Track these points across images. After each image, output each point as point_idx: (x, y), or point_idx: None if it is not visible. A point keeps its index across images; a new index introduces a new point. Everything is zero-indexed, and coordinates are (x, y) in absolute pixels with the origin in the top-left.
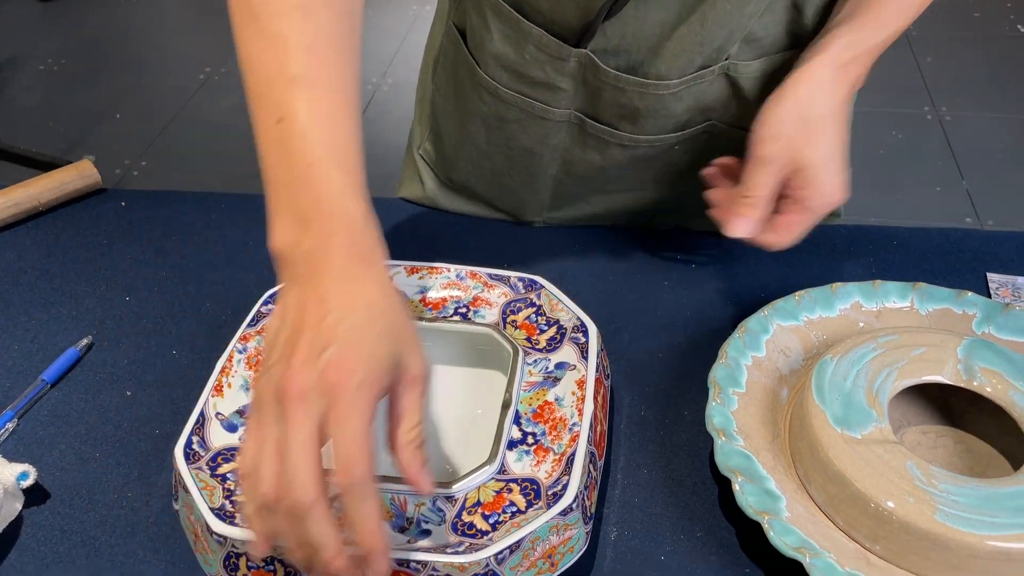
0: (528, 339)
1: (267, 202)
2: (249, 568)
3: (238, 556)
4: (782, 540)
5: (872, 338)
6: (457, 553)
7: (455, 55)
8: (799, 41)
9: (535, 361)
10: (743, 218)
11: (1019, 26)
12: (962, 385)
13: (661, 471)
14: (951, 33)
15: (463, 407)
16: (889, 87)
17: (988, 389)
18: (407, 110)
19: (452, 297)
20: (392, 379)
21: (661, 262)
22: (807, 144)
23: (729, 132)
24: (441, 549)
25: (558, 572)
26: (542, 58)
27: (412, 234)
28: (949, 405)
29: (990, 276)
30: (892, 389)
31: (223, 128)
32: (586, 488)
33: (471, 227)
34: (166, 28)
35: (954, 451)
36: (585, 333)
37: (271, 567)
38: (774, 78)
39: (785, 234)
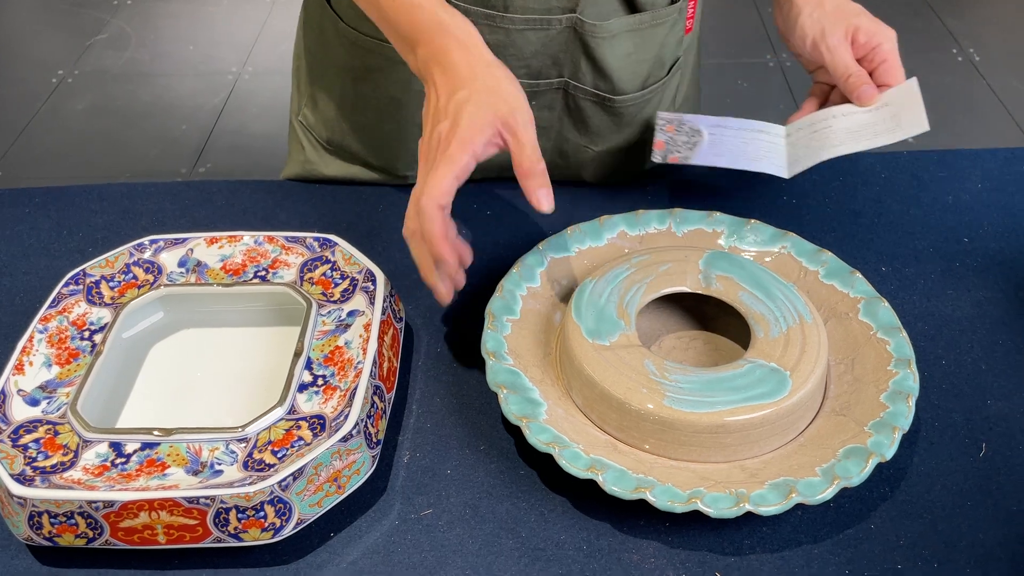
0: (324, 293)
1: (390, 40)
2: (52, 524)
3: (40, 515)
4: (537, 438)
5: (627, 260)
6: (244, 485)
7: (320, 13)
8: (635, 8)
9: (329, 312)
10: (869, 87)
11: None
12: (701, 291)
13: (453, 398)
14: None
15: (263, 361)
16: (734, 39)
17: (721, 292)
18: (270, 97)
19: (252, 262)
20: (495, 133)
21: (462, 214)
22: (853, 13)
23: (584, 95)
24: (230, 484)
25: (347, 493)
26: None
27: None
28: (703, 312)
29: (658, 113)
30: (640, 301)
31: (80, 130)
32: (369, 417)
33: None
34: (14, 32)
35: (703, 351)
36: (374, 282)
37: (72, 521)
38: (620, 47)
39: (896, 77)
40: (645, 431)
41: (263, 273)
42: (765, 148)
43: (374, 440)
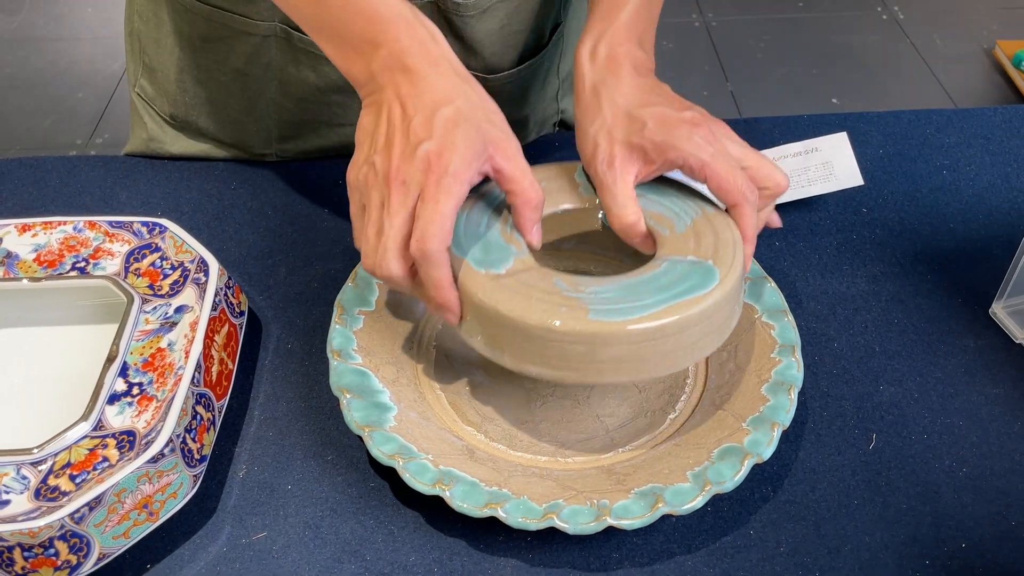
0: (151, 286)
1: (329, 46)
2: None
3: None
4: (379, 450)
5: (496, 184)
6: (29, 519)
7: None
8: None
9: (154, 308)
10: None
11: None
12: (586, 205)
13: (301, 401)
14: None
15: (76, 366)
16: None
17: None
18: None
19: (70, 251)
20: (486, 160)
21: (320, 193)
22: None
23: None
24: (12, 519)
25: (161, 520)
26: None
27: (134, 191)
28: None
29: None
30: None
31: None
32: (190, 431)
33: (193, 174)
34: None
35: (610, 265)
36: (207, 272)
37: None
38: (490, 22)
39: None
40: (571, 356)
41: (83, 264)
42: (702, 188)
43: (196, 457)
